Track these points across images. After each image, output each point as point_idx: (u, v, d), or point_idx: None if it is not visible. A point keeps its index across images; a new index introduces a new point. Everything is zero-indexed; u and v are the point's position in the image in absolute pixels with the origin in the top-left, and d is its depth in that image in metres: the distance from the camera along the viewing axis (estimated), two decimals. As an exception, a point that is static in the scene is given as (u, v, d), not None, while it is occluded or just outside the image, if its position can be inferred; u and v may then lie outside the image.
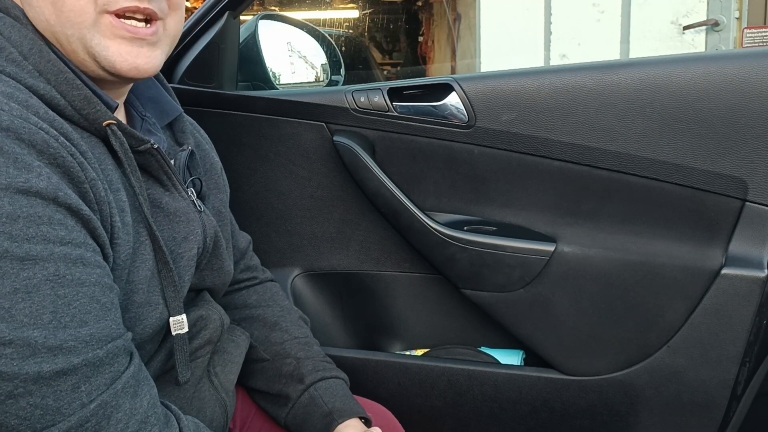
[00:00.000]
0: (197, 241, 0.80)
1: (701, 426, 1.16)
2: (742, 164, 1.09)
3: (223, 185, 0.97)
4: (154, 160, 0.75)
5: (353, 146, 1.21)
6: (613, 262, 1.15)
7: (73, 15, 0.68)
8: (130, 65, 0.71)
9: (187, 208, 0.79)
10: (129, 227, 0.70)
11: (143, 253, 0.72)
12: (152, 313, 0.73)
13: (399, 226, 1.23)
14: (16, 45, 0.68)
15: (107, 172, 0.70)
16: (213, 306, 0.88)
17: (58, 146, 0.62)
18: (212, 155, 0.97)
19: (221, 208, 0.93)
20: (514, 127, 1.15)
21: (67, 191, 0.62)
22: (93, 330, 0.62)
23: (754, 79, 1.07)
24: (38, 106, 0.65)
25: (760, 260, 1.09)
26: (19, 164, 0.59)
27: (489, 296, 1.21)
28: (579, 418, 1.21)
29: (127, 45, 0.70)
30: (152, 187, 0.77)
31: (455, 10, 6.16)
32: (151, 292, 0.73)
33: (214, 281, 0.89)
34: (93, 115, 0.69)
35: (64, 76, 0.68)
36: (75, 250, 0.62)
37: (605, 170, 1.14)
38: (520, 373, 1.22)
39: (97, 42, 0.69)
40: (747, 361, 1.11)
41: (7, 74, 0.66)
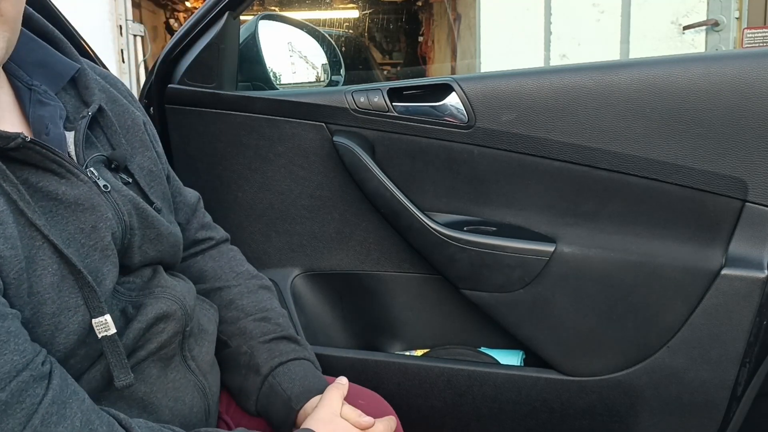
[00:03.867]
0: (109, 227, 0.73)
1: (701, 427, 1.16)
2: (742, 165, 1.09)
3: (151, 139, 0.88)
4: (33, 152, 0.67)
5: (353, 146, 1.21)
6: (613, 262, 1.15)
7: None
8: None
9: (89, 193, 0.72)
10: (13, 239, 0.63)
11: (42, 258, 0.66)
12: (71, 318, 0.67)
13: (399, 227, 1.23)
14: None
15: None
16: (172, 294, 0.81)
17: None
18: (132, 110, 0.86)
19: (151, 167, 0.85)
20: (514, 127, 1.15)
21: None
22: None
23: (754, 79, 1.07)
24: None
25: (760, 261, 1.09)
26: None
27: (489, 296, 1.21)
28: (579, 419, 1.21)
29: None
30: (44, 178, 0.69)
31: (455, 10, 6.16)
32: (64, 297, 0.67)
33: (159, 249, 0.82)
34: None
35: None
36: None
37: (605, 171, 1.14)
38: (519, 374, 1.22)
39: None
40: (747, 361, 1.11)
41: None
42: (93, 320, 0.69)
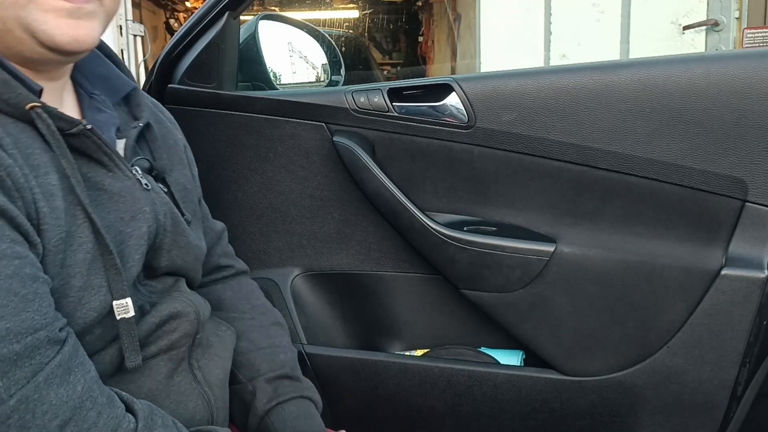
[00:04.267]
0: (146, 219, 0.78)
1: (701, 427, 1.16)
2: (742, 164, 1.09)
3: (188, 161, 0.96)
4: (90, 141, 0.73)
5: (353, 146, 1.21)
6: (613, 262, 1.15)
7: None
8: (70, 37, 0.70)
9: (132, 188, 0.78)
10: (59, 211, 0.69)
11: (80, 236, 0.70)
12: (94, 296, 0.72)
13: (399, 227, 1.23)
14: None
15: (33, 157, 0.68)
16: (188, 298, 0.85)
17: None
18: (175, 132, 0.95)
19: (186, 184, 0.92)
20: (514, 127, 1.15)
21: None
22: (9, 324, 0.61)
23: (755, 79, 1.07)
24: None
25: (760, 261, 1.09)
26: None
27: (489, 296, 1.21)
28: (579, 419, 1.21)
29: (65, 18, 0.69)
30: (93, 168, 0.75)
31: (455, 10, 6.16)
32: (92, 275, 0.71)
33: (185, 258, 0.86)
34: (14, 99, 0.68)
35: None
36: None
37: (605, 171, 1.14)
38: (519, 374, 1.22)
39: (35, 17, 0.68)
40: (747, 361, 1.11)
41: None
42: (114, 302, 0.73)
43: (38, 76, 0.74)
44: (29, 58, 0.72)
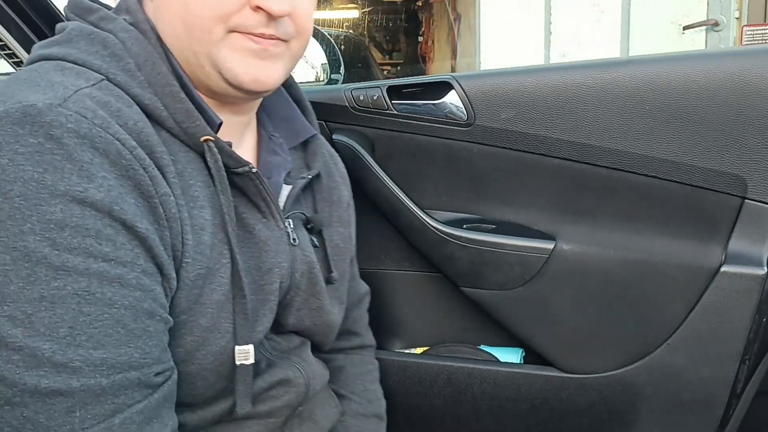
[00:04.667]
0: (281, 274, 0.78)
1: (701, 424, 1.16)
2: (742, 162, 1.09)
3: (348, 220, 0.96)
4: (252, 184, 0.74)
5: (352, 144, 1.21)
6: (613, 259, 1.15)
7: (202, 34, 0.70)
8: (251, 77, 0.72)
9: (279, 239, 0.78)
10: (205, 246, 0.69)
11: (221, 275, 0.70)
12: (218, 340, 0.71)
13: (398, 225, 1.23)
14: (134, 56, 0.70)
15: (193, 189, 0.70)
16: (305, 367, 0.85)
17: (132, 158, 0.62)
18: (342, 189, 0.96)
19: (340, 242, 0.91)
20: (514, 125, 1.15)
21: (125, 206, 0.61)
22: (107, 355, 0.59)
23: (754, 76, 1.07)
24: (132, 116, 0.65)
25: (759, 258, 1.09)
26: (83, 173, 0.59)
27: (488, 294, 1.21)
28: (578, 416, 1.21)
29: (251, 58, 0.71)
30: (249, 211, 0.76)
31: (455, 9, 6.16)
32: (221, 317, 0.71)
33: (315, 321, 0.86)
34: (192, 130, 0.70)
35: (170, 89, 0.69)
36: (115, 269, 0.60)
37: (604, 168, 1.14)
38: (519, 371, 1.22)
39: (223, 55, 0.70)
40: (747, 359, 1.11)
41: (117, 83, 0.67)
42: (237, 347, 0.72)
43: (223, 109, 0.76)
44: (215, 91, 0.74)
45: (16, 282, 0.56)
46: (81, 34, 0.71)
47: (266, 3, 0.69)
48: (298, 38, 0.75)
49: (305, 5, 0.75)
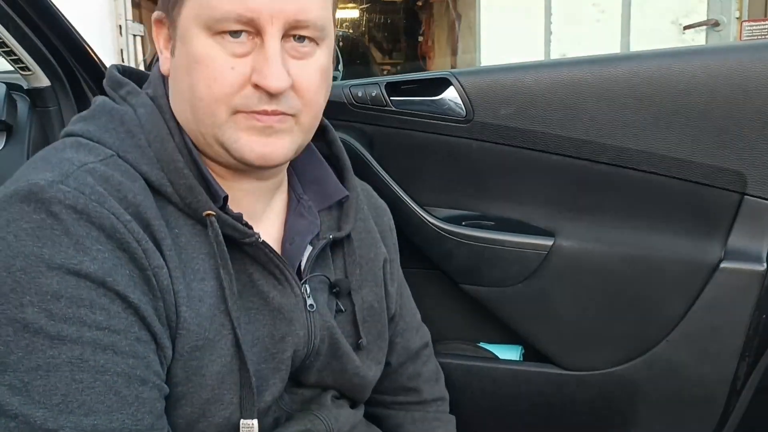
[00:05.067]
0: (294, 342, 0.78)
1: (700, 420, 1.16)
2: (741, 158, 1.08)
3: (384, 278, 0.94)
4: (262, 252, 0.75)
5: (351, 141, 1.21)
6: (612, 256, 1.15)
7: (207, 117, 0.72)
8: (257, 154, 0.72)
9: (294, 306, 0.78)
10: (203, 318, 0.70)
11: (221, 347, 0.71)
12: (220, 411, 0.72)
13: (397, 221, 1.22)
14: (146, 132, 0.73)
15: (195, 261, 0.71)
16: (326, 416, 0.84)
17: (126, 231, 0.65)
18: (379, 245, 0.94)
19: (374, 303, 0.91)
20: (513, 121, 1.15)
21: (118, 277, 0.63)
22: (98, 421, 0.60)
23: (753, 72, 1.07)
24: (133, 190, 0.68)
25: (759, 254, 1.09)
26: (79, 246, 0.62)
27: (487, 291, 1.21)
28: (578, 413, 1.21)
29: (256, 136, 0.72)
30: (264, 278, 0.76)
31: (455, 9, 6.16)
32: (223, 389, 0.71)
33: (340, 383, 0.87)
34: (194, 204, 0.72)
35: (174, 165, 0.72)
36: (108, 337, 0.62)
37: (604, 164, 1.13)
38: (519, 368, 1.22)
39: (229, 136, 0.72)
40: (746, 355, 1.11)
41: (126, 159, 0.71)
42: (242, 420, 0.73)
43: (244, 177, 0.78)
44: (226, 165, 0.76)
45: (16, 352, 0.59)
46: (103, 110, 0.76)
47: (263, 81, 0.70)
48: (305, 111, 0.75)
49: (309, 77, 0.74)
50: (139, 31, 4.64)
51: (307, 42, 0.74)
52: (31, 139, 1.38)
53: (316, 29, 0.73)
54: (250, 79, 0.71)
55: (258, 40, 0.71)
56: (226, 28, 0.70)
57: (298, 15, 0.71)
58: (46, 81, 1.35)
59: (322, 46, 0.76)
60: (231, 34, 0.70)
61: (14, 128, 1.37)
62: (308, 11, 0.72)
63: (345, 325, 0.86)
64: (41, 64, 1.32)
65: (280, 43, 0.71)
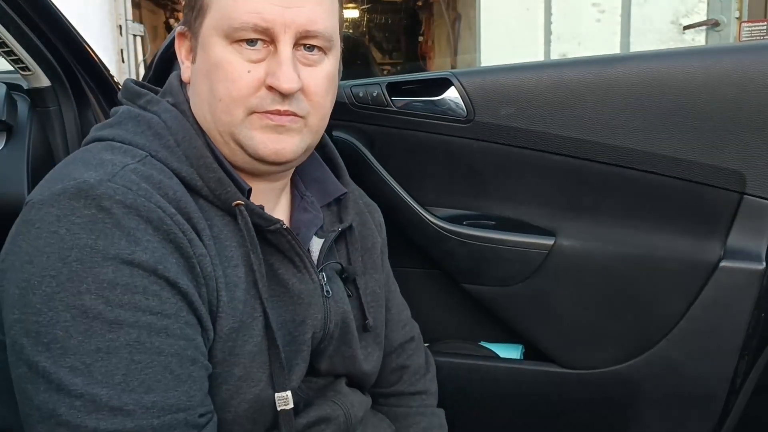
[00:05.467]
0: (314, 325, 0.83)
1: (700, 419, 1.16)
2: (741, 157, 1.09)
3: (381, 266, 1.01)
4: (284, 240, 0.81)
5: (352, 141, 1.21)
6: (612, 255, 1.15)
7: (225, 116, 0.78)
8: (271, 150, 0.79)
9: (312, 292, 0.83)
10: (238, 302, 0.76)
11: (253, 328, 0.77)
12: (251, 388, 0.77)
13: (398, 221, 1.23)
14: (173, 133, 0.79)
15: (228, 249, 0.77)
16: (342, 400, 0.90)
17: (172, 224, 0.70)
18: (376, 235, 1.00)
19: (376, 288, 0.97)
20: (513, 121, 1.15)
21: (168, 265, 0.68)
22: (157, 398, 0.65)
23: (753, 72, 1.07)
24: (172, 187, 0.74)
25: (758, 253, 1.09)
26: (130, 238, 0.67)
27: (488, 290, 1.21)
28: (578, 412, 1.21)
29: (269, 133, 0.79)
30: (284, 266, 0.82)
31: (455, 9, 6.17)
32: (255, 367, 0.77)
33: (348, 370, 0.92)
34: (224, 196, 0.77)
35: (204, 161, 0.78)
36: (161, 321, 0.67)
37: (604, 164, 1.14)
38: (519, 367, 1.22)
39: (245, 135, 0.79)
40: (746, 353, 1.11)
41: (159, 158, 0.76)
42: (276, 394, 0.78)
43: (256, 179, 0.84)
44: (242, 166, 0.82)
45: (76, 336, 0.64)
46: (129, 117, 0.81)
47: (276, 83, 0.76)
48: (314, 113, 0.81)
49: (317, 82, 0.81)
50: (139, 31, 4.65)
51: (316, 51, 0.80)
52: (31, 140, 1.38)
53: (324, 39, 0.80)
54: (264, 82, 0.77)
55: (272, 48, 0.78)
56: (244, 36, 0.77)
57: (308, 26, 0.78)
58: (46, 81, 1.35)
59: (329, 56, 0.82)
60: (248, 42, 0.77)
61: (14, 128, 1.37)
62: (317, 22, 0.78)
63: (353, 309, 0.92)
64: (41, 64, 1.32)
65: (292, 51, 0.78)
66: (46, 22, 1.28)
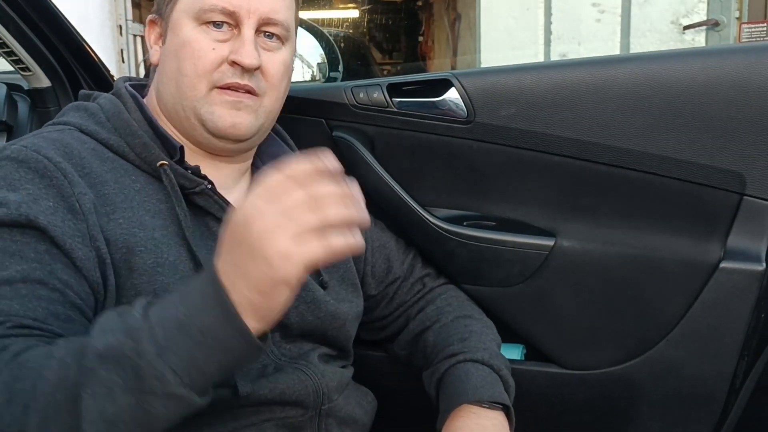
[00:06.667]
0: None
1: (700, 419, 1.16)
2: (741, 158, 1.09)
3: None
4: (211, 200, 0.88)
5: (353, 142, 1.21)
6: (612, 256, 1.15)
7: (189, 91, 0.88)
8: (228, 123, 0.88)
9: None
10: (158, 242, 0.82)
11: (182, 269, 0.82)
12: None
13: (398, 222, 1.23)
14: (105, 112, 0.89)
15: (148, 203, 0.84)
16: (312, 371, 0.91)
17: (55, 170, 0.79)
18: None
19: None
20: (514, 122, 1.15)
21: (35, 206, 0.76)
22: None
23: (753, 73, 1.07)
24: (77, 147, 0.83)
25: (758, 254, 1.09)
26: (10, 186, 0.77)
27: (489, 291, 1.21)
28: (579, 412, 1.22)
29: (228, 108, 0.88)
30: (218, 226, 0.87)
31: (455, 9, 6.17)
32: None
33: (317, 315, 0.94)
34: (149, 158, 0.86)
35: (129, 129, 0.87)
36: (16, 246, 0.75)
37: (604, 165, 1.14)
38: (520, 368, 1.22)
39: (206, 110, 0.88)
40: (745, 354, 1.12)
41: (87, 131, 0.87)
42: None
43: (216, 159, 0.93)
44: (201, 142, 0.91)
45: None
46: (71, 107, 0.93)
47: (239, 58, 0.86)
48: (270, 93, 0.91)
49: (275, 65, 0.91)
50: (139, 31, 4.65)
51: (274, 39, 0.92)
52: (32, 140, 1.38)
53: (283, 28, 0.92)
54: (227, 59, 0.87)
55: (236, 32, 0.88)
56: (211, 18, 0.87)
57: (270, 14, 0.89)
58: (46, 81, 1.36)
59: (286, 46, 0.94)
60: (214, 24, 0.88)
61: (15, 129, 1.37)
62: (278, 12, 0.90)
63: None
64: (41, 65, 1.32)
65: (254, 35, 0.88)
66: (46, 22, 1.28)
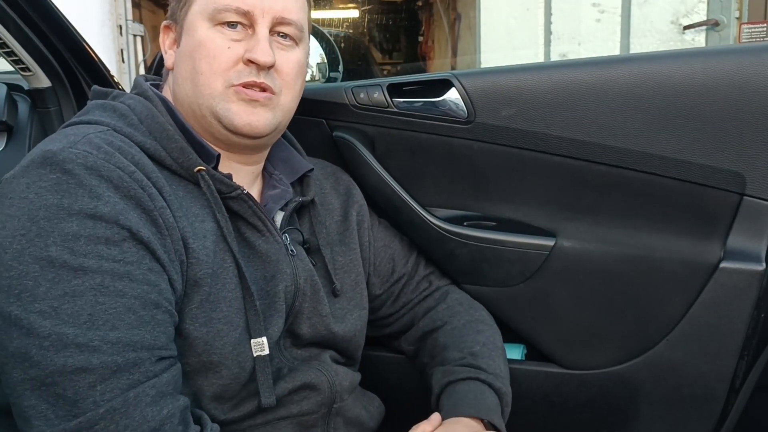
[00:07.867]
0: (284, 279, 0.89)
1: (700, 419, 1.17)
2: (740, 159, 1.09)
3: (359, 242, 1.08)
4: (246, 205, 0.88)
5: (353, 142, 1.21)
6: (613, 256, 1.15)
7: (205, 89, 0.87)
8: (245, 122, 0.87)
9: (278, 251, 0.90)
10: (209, 251, 0.82)
11: (225, 276, 0.83)
12: (232, 331, 0.82)
13: (399, 222, 1.23)
14: (137, 114, 0.86)
15: (193, 209, 0.83)
16: (327, 369, 0.94)
17: (131, 180, 0.76)
18: (352, 213, 1.09)
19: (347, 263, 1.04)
20: (514, 122, 1.16)
21: (129, 216, 0.74)
22: (122, 335, 0.70)
23: (752, 74, 1.07)
24: (131, 151, 0.80)
25: (758, 254, 1.09)
26: (92, 194, 0.73)
27: (489, 291, 1.21)
28: (579, 412, 1.22)
29: (244, 106, 0.87)
30: (249, 230, 0.89)
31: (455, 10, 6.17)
32: (232, 312, 0.82)
33: (328, 329, 0.96)
34: (186, 163, 0.84)
35: (166, 133, 0.85)
36: (123, 267, 0.72)
37: (604, 165, 1.14)
38: (520, 368, 1.22)
39: (222, 107, 0.87)
40: (745, 354, 1.12)
41: (122, 133, 0.83)
42: (252, 339, 0.83)
43: (232, 156, 0.92)
44: (219, 139, 0.90)
45: (44, 284, 0.69)
46: (96, 106, 0.88)
47: (254, 56, 0.86)
48: (285, 92, 0.91)
49: (289, 63, 0.91)
50: (139, 31, 4.65)
51: (288, 39, 0.92)
52: (31, 140, 1.38)
53: (296, 28, 0.91)
54: (242, 58, 0.87)
55: (250, 31, 0.88)
56: (226, 18, 0.87)
57: (284, 13, 0.89)
58: (46, 81, 1.36)
59: (300, 46, 0.93)
60: (228, 25, 0.87)
61: (15, 129, 1.37)
62: (291, 12, 0.90)
63: (320, 278, 0.97)
64: (42, 65, 1.32)
65: (268, 33, 0.88)
66: (46, 22, 1.28)
